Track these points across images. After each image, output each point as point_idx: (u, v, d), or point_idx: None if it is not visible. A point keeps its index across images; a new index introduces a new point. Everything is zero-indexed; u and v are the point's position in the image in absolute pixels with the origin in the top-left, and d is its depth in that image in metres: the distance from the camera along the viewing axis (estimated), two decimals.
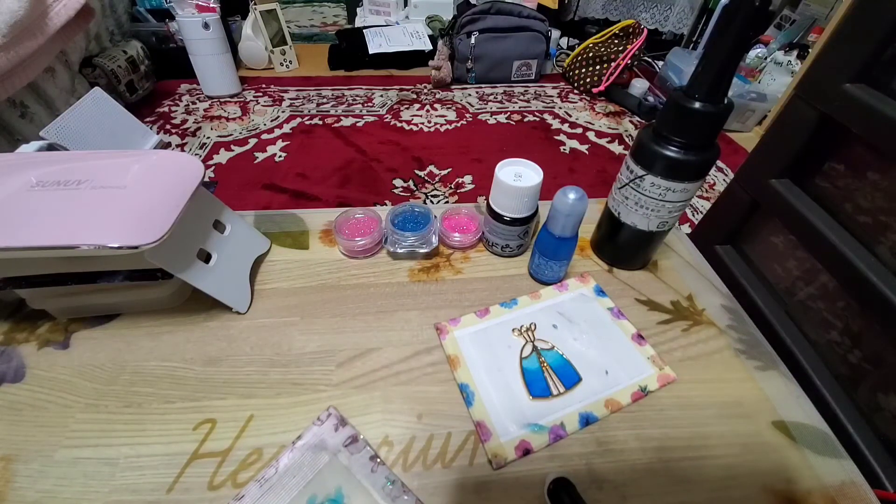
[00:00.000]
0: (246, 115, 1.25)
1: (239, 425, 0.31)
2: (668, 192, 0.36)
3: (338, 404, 0.32)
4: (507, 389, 0.34)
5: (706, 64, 0.31)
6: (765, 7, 0.27)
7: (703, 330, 0.40)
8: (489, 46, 1.43)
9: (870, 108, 0.35)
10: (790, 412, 0.34)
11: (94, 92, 0.92)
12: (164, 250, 0.31)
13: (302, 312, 0.39)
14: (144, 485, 0.28)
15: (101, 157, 0.35)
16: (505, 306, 0.40)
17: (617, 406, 0.33)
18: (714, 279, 0.45)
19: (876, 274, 0.34)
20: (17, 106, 0.87)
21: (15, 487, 0.27)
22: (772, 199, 0.44)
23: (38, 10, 0.79)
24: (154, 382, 0.33)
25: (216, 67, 1.27)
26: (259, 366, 0.35)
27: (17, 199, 0.30)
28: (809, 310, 0.42)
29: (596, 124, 1.30)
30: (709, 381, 0.35)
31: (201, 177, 0.35)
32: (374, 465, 0.29)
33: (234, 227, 0.40)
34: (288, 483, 0.27)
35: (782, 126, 0.43)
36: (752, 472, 0.30)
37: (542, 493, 0.28)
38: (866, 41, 0.35)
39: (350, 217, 0.45)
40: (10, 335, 0.36)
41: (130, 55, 1.20)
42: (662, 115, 0.34)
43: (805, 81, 0.41)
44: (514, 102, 1.41)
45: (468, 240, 0.45)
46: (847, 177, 0.39)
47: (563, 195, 0.36)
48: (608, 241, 0.44)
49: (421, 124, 1.25)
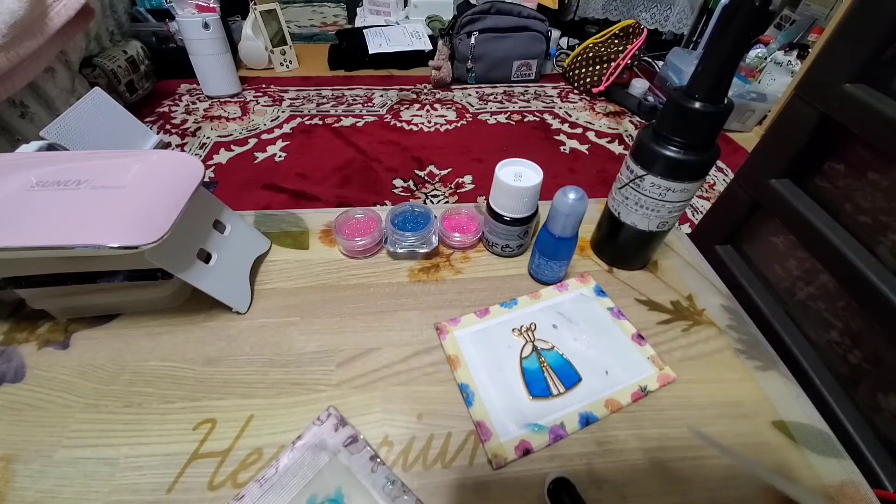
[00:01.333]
0: (246, 115, 1.25)
1: (239, 425, 0.31)
2: (668, 192, 0.36)
3: (338, 404, 0.32)
4: (507, 389, 0.34)
5: (706, 64, 0.31)
6: (765, 7, 0.27)
7: (703, 330, 0.40)
8: (489, 46, 1.43)
9: (870, 108, 0.35)
10: (790, 412, 0.34)
11: (94, 92, 0.92)
12: (164, 250, 0.31)
13: (302, 312, 0.39)
14: (144, 485, 0.28)
15: (101, 157, 0.35)
16: (505, 306, 0.40)
17: (617, 406, 0.33)
18: (714, 279, 0.45)
19: (876, 274, 0.34)
20: (17, 106, 0.87)
21: (15, 487, 0.27)
22: (772, 199, 0.44)
23: (38, 10, 0.79)
24: (154, 382, 0.33)
25: (216, 67, 1.28)
26: (259, 366, 0.35)
27: (17, 199, 0.30)
28: (809, 310, 0.42)
29: (596, 124, 1.30)
30: (709, 381, 0.35)
31: (201, 177, 0.35)
32: (374, 465, 0.29)
33: (234, 227, 0.40)
34: (288, 483, 0.27)
35: (782, 126, 0.43)
36: (752, 472, 0.30)
37: (542, 493, 0.28)
38: (866, 41, 0.35)
39: (350, 217, 0.45)
40: (10, 335, 0.36)
41: (130, 55, 1.20)
42: (662, 115, 0.34)
43: (805, 81, 0.41)
44: (514, 102, 1.41)
45: (468, 240, 0.45)
46: (847, 177, 0.39)
47: (563, 195, 0.36)
48: (608, 241, 0.44)
49: (421, 124, 1.25)
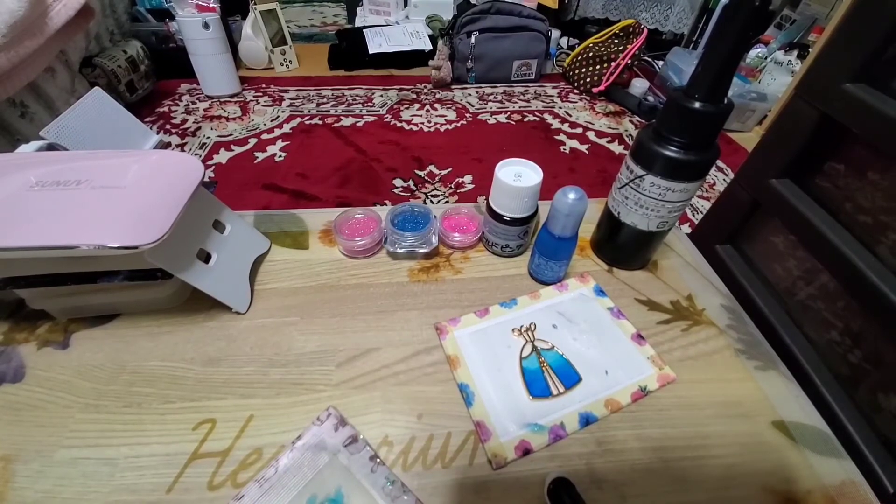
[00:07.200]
0: (246, 115, 1.25)
1: (239, 425, 0.31)
2: (668, 191, 0.36)
3: (337, 404, 0.32)
4: (506, 389, 0.34)
5: (706, 64, 0.31)
6: (765, 7, 0.27)
7: (703, 330, 0.40)
8: (489, 46, 1.43)
9: (870, 108, 0.35)
10: (790, 412, 0.34)
11: (94, 92, 0.92)
12: (164, 250, 0.31)
13: (302, 312, 0.39)
14: (144, 485, 0.28)
15: (101, 157, 0.35)
16: (505, 306, 0.40)
17: (617, 406, 0.33)
18: (714, 279, 0.45)
19: (876, 274, 0.34)
20: (17, 106, 0.86)
21: (15, 487, 0.27)
22: (772, 198, 0.44)
23: (38, 10, 0.79)
24: (154, 382, 0.33)
25: (216, 67, 1.27)
26: (259, 366, 0.35)
27: (17, 199, 0.30)
28: (809, 309, 0.42)
29: (596, 124, 1.30)
30: (709, 381, 0.35)
31: (201, 177, 0.35)
32: (374, 465, 0.29)
33: (234, 227, 0.40)
34: (288, 483, 0.27)
35: (782, 126, 0.43)
36: (752, 472, 0.30)
37: (542, 493, 0.28)
38: (867, 41, 0.35)
39: (350, 217, 0.45)
40: (10, 335, 0.36)
41: (130, 55, 1.20)
42: (662, 115, 0.34)
43: (805, 81, 0.41)
44: (514, 102, 1.41)
45: (468, 240, 0.45)
46: (847, 176, 0.39)
47: (562, 195, 0.36)
48: (608, 241, 0.44)
49: (421, 124, 1.25)
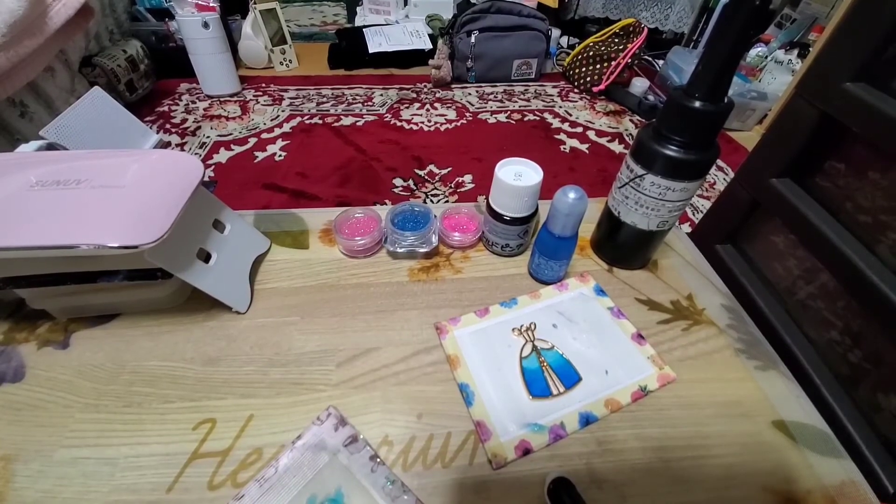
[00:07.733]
0: (246, 115, 1.25)
1: (239, 425, 0.31)
2: (668, 191, 0.36)
3: (337, 404, 0.32)
4: (506, 389, 0.34)
5: (706, 63, 0.31)
6: (765, 6, 0.27)
7: (703, 329, 0.40)
8: (489, 45, 1.43)
9: (870, 107, 0.35)
10: (790, 412, 0.34)
11: (93, 91, 0.92)
12: (164, 250, 0.31)
13: (302, 312, 0.39)
14: (144, 485, 0.28)
15: (101, 156, 0.35)
16: (505, 306, 0.40)
17: (617, 406, 0.33)
18: (714, 278, 0.45)
19: (876, 273, 0.34)
20: (16, 105, 0.86)
21: (15, 487, 0.27)
22: (772, 198, 0.44)
23: (37, 10, 0.79)
24: (154, 382, 0.33)
25: (216, 67, 1.27)
26: (259, 365, 0.35)
27: (17, 199, 0.30)
28: (809, 309, 0.42)
29: (596, 123, 1.30)
30: (709, 381, 0.35)
31: (201, 176, 0.35)
32: (374, 464, 0.29)
33: (234, 227, 0.40)
34: (288, 483, 0.27)
35: (783, 125, 0.43)
36: (752, 471, 0.30)
37: (542, 492, 0.28)
38: (867, 40, 0.35)
39: (350, 216, 0.45)
40: (10, 335, 0.36)
41: (130, 54, 1.20)
42: (662, 114, 0.34)
43: (805, 80, 0.41)
44: (515, 101, 1.40)
45: (468, 239, 0.45)
46: (847, 176, 0.39)
47: (562, 194, 0.36)
48: (608, 240, 0.44)
49: (421, 123, 1.25)
